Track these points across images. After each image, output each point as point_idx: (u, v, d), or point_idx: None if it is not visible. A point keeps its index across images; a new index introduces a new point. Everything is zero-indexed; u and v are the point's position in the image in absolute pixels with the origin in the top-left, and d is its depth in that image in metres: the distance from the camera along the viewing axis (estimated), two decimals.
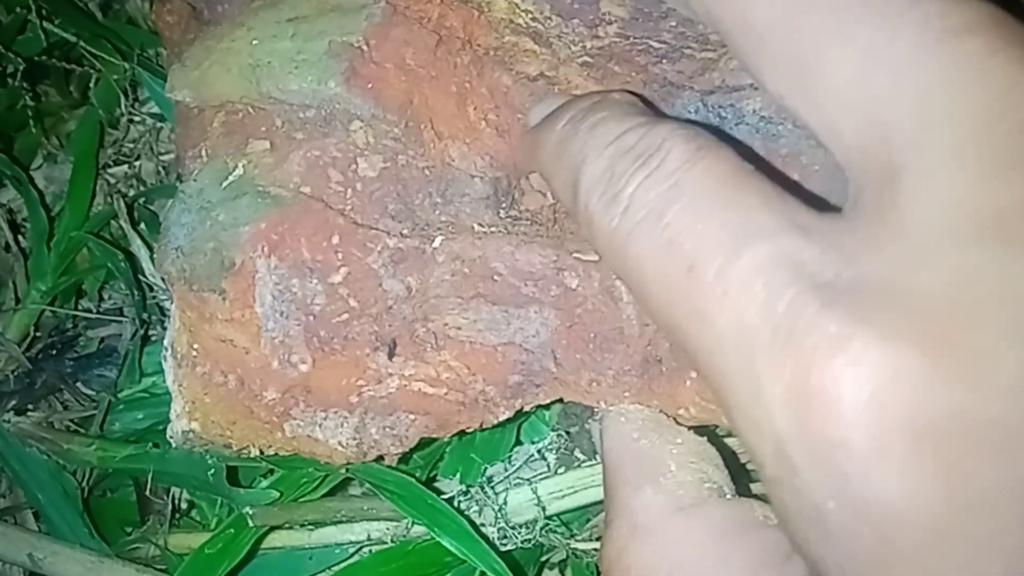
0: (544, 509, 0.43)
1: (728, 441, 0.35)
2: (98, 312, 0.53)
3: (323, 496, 0.43)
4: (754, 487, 0.33)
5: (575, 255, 0.31)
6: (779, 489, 0.20)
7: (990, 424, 0.18)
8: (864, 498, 0.19)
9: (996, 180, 0.19)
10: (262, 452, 0.32)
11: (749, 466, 0.35)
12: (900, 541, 0.19)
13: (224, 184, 0.32)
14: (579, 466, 0.45)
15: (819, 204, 0.22)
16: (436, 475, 0.45)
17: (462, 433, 0.33)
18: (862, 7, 0.21)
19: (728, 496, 0.28)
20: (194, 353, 0.32)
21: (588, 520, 0.46)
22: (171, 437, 0.32)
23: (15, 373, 0.50)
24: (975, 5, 0.20)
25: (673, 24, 0.31)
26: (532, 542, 0.43)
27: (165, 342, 0.33)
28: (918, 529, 0.18)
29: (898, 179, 0.20)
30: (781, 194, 0.22)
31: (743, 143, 0.31)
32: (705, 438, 0.30)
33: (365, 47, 0.32)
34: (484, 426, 0.32)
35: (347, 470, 0.40)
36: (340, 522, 0.43)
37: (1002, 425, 0.18)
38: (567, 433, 0.45)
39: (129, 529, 0.48)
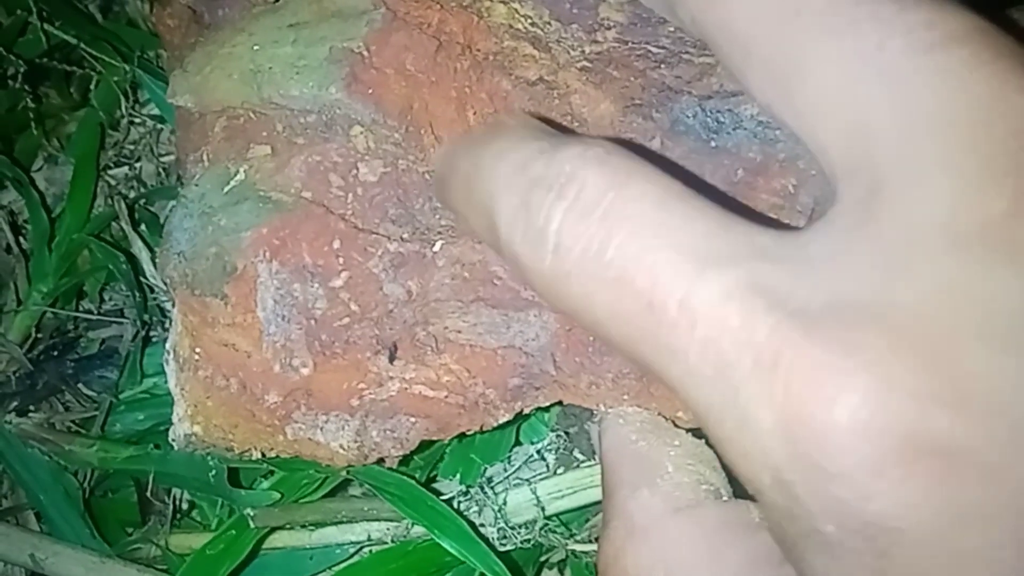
0: (543, 509, 0.44)
1: None
2: (99, 313, 0.53)
3: (323, 497, 0.44)
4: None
5: None
6: (776, 513, 0.20)
7: (975, 445, 0.18)
8: (863, 519, 0.19)
9: (979, 192, 0.19)
10: (264, 455, 0.33)
11: None
12: (898, 556, 0.19)
13: (226, 189, 0.32)
14: (578, 466, 0.45)
15: (768, 223, 0.22)
16: (436, 476, 0.45)
17: (462, 435, 0.33)
18: (849, 15, 0.21)
19: (724, 498, 0.29)
20: (196, 357, 0.32)
21: (587, 520, 0.46)
22: (173, 440, 0.33)
23: (16, 374, 0.50)
24: (963, 15, 0.20)
25: (671, 29, 0.32)
26: (531, 542, 0.43)
27: (167, 346, 0.33)
28: (915, 544, 0.19)
29: (879, 190, 0.20)
30: (730, 216, 0.21)
31: (663, 157, 0.31)
32: (703, 441, 0.31)
33: (366, 53, 0.32)
34: (484, 428, 0.33)
35: (348, 472, 0.40)
36: (340, 523, 0.43)
37: (987, 446, 0.18)
38: (566, 434, 0.45)
39: (130, 530, 0.48)
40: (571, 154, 0.23)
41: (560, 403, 0.33)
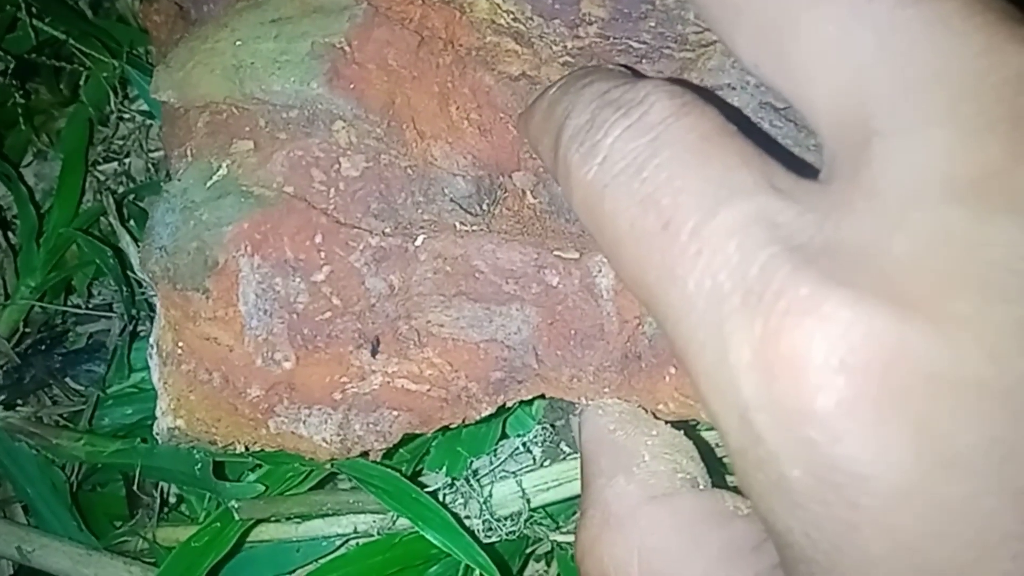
0: (529, 501, 0.44)
1: (706, 435, 0.35)
2: (87, 308, 0.53)
3: (309, 490, 0.44)
4: (730, 480, 0.33)
5: (556, 253, 0.32)
6: (743, 460, 0.20)
7: (963, 385, 0.18)
8: (831, 463, 0.18)
9: (970, 142, 0.19)
10: (247, 448, 0.33)
11: (726, 460, 0.35)
12: (869, 505, 0.18)
13: (208, 184, 0.32)
14: (564, 459, 0.45)
15: (801, 168, 0.22)
16: (422, 469, 0.45)
17: (447, 428, 0.33)
18: None
19: (701, 487, 0.29)
20: (179, 351, 0.32)
21: (573, 512, 0.46)
22: (157, 434, 0.33)
23: (4, 368, 0.50)
24: None
25: (652, 24, 0.32)
26: (517, 534, 0.43)
27: (151, 340, 0.33)
28: (887, 492, 0.18)
29: (872, 141, 0.20)
30: (761, 155, 0.22)
31: (731, 105, 0.31)
32: (682, 431, 0.31)
33: (347, 48, 0.32)
34: (467, 421, 0.33)
35: (333, 465, 0.41)
36: (326, 515, 0.44)
37: (975, 386, 0.18)
38: (552, 426, 0.46)
39: (118, 523, 0.48)
40: (648, 84, 0.24)
41: (543, 396, 0.33)
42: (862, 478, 0.18)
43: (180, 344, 0.32)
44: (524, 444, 0.46)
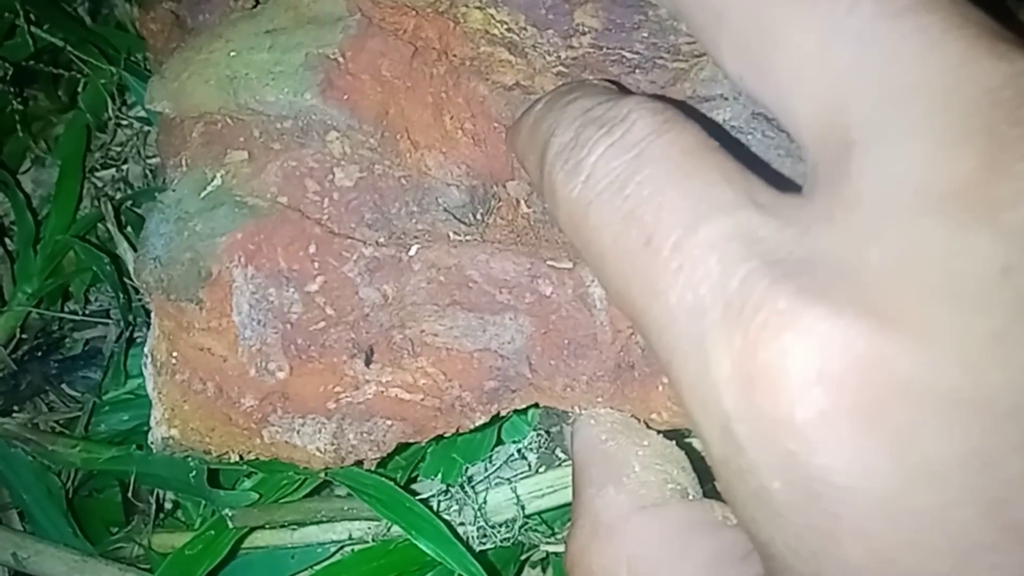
0: (523, 508, 0.44)
1: (697, 445, 0.35)
2: (84, 314, 0.53)
3: (304, 497, 0.44)
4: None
5: (549, 263, 0.32)
6: (725, 470, 0.20)
7: (939, 396, 0.18)
8: (810, 474, 0.18)
9: (946, 154, 0.19)
10: (241, 458, 0.33)
11: None
12: (847, 516, 0.18)
13: (202, 194, 0.33)
14: (559, 465, 0.45)
15: (782, 183, 0.22)
16: (417, 475, 0.45)
17: (440, 436, 0.33)
18: None
19: (691, 497, 0.29)
20: (173, 361, 0.32)
21: (568, 519, 0.46)
22: (152, 443, 0.33)
23: (1, 375, 0.50)
24: None
25: (645, 35, 0.32)
26: (512, 541, 0.43)
27: (145, 349, 0.33)
28: (865, 503, 0.18)
29: (852, 153, 0.20)
30: (742, 171, 0.22)
31: (713, 120, 0.32)
32: (673, 442, 0.31)
33: (341, 59, 0.33)
34: (460, 431, 0.33)
35: (326, 474, 0.41)
36: (321, 522, 0.44)
37: (951, 397, 0.18)
38: (548, 433, 0.45)
39: (113, 529, 0.48)
40: (631, 101, 0.24)
41: (536, 405, 0.33)
42: (840, 488, 0.18)
43: (174, 354, 0.32)
44: (519, 450, 0.46)
